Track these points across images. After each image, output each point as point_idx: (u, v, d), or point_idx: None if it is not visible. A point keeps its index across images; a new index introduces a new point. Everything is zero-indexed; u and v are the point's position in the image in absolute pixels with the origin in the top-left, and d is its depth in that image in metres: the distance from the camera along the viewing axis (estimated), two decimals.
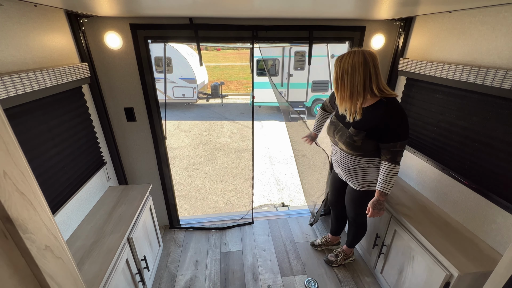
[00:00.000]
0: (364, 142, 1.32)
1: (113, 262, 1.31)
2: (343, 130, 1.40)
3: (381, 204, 1.39)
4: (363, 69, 1.21)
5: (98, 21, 1.64)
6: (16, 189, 0.39)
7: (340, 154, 1.52)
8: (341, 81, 1.27)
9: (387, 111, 1.24)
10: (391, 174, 1.31)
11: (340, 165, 1.54)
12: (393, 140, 1.26)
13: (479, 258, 1.29)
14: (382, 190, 1.35)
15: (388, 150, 1.29)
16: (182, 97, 9.46)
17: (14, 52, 1.15)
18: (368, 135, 1.30)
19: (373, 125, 1.28)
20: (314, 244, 2.22)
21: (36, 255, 0.42)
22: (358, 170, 1.46)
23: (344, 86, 1.27)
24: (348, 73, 1.23)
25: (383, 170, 1.34)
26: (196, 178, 5.04)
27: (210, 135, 7.22)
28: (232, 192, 4.60)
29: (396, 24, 1.88)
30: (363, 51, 1.22)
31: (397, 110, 1.24)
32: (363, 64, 1.20)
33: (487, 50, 1.32)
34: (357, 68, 1.21)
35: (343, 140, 1.40)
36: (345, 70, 1.24)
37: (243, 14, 1.62)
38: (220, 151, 6.21)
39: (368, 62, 1.20)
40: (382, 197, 1.37)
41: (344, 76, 1.25)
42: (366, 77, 1.21)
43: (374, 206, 1.40)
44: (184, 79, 9.21)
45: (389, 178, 1.32)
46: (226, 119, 8.59)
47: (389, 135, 1.26)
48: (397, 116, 1.24)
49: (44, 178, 1.27)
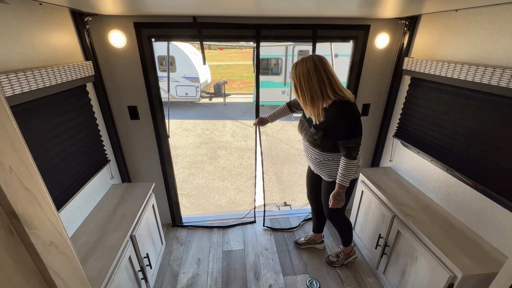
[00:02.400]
0: (323, 140, 1.46)
1: (116, 259, 1.32)
2: (307, 129, 1.54)
3: (340, 196, 1.51)
4: (315, 74, 1.29)
5: (102, 19, 1.65)
6: (22, 185, 0.40)
7: (308, 149, 1.64)
8: (300, 88, 1.35)
9: (338, 112, 1.34)
10: (347, 168, 1.43)
11: (309, 159, 1.67)
12: (346, 138, 1.37)
13: (483, 259, 1.27)
14: (340, 183, 1.48)
15: (343, 147, 1.40)
16: (185, 96, 9.50)
17: (20, 50, 1.16)
18: (325, 134, 1.43)
19: (328, 125, 1.40)
20: (297, 242, 2.22)
21: (41, 250, 0.42)
22: (323, 163, 1.58)
23: (304, 92, 1.34)
24: (304, 79, 1.31)
25: (341, 164, 1.46)
26: (199, 177, 5.05)
27: (213, 134, 7.23)
28: (235, 191, 4.61)
29: (401, 23, 1.87)
30: (312, 57, 1.30)
31: (348, 111, 1.34)
32: (314, 70, 1.28)
33: (494, 49, 1.30)
34: (311, 74, 1.29)
35: (307, 138, 1.56)
36: (301, 77, 1.32)
37: (247, 13, 1.61)
38: (222, 150, 6.23)
39: (318, 67, 1.28)
40: (341, 189, 1.49)
41: (302, 83, 1.33)
42: (320, 81, 1.29)
43: (333, 198, 1.53)
44: (187, 78, 9.24)
45: (346, 172, 1.44)
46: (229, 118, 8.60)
47: (342, 134, 1.38)
48: (348, 117, 1.34)
49: (49, 175, 1.28)
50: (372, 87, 2.11)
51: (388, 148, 2.25)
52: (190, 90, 9.38)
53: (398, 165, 2.11)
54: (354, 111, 1.35)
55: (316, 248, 2.19)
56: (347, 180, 1.47)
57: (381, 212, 1.80)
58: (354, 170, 1.46)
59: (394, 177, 2.03)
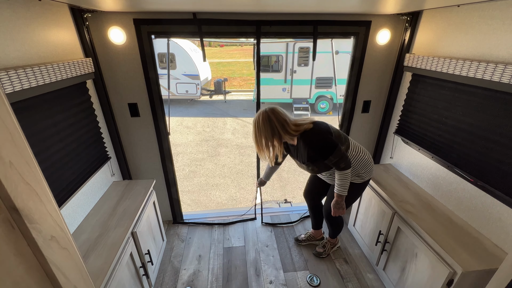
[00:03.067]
0: (317, 166, 1.57)
1: (118, 255, 1.33)
2: (301, 165, 1.67)
3: (339, 204, 1.58)
4: (268, 121, 1.43)
5: (102, 16, 1.64)
6: (22, 179, 0.40)
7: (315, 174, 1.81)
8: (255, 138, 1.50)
9: (304, 143, 1.47)
10: (341, 179, 1.51)
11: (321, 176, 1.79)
12: (325, 158, 1.46)
13: (483, 255, 1.28)
14: (338, 193, 1.55)
15: (330, 163, 1.48)
16: (185, 93, 9.48)
17: (19, 47, 1.15)
18: (313, 163, 1.54)
19: (306, 155, 1.52)
20: (298, 239, 2.25)
21: (42, 245, 0.43)
22: (333, 177, 1.66)
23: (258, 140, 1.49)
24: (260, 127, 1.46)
25: (336, 176, 1.54)
26: (199, 174, 5.06)
27: (213, 132, 7.24)
28: (235, 188, 4.62)
29: (403, 19, 1.85)
30: (266, 110, 1.46)
31: (308, 140, 1.46)
32: (267, 118, 1.43)
33: (496, 45, 1.29)
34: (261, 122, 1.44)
35: (306, 170, 1.69)
36: (256, 127, 1.47)
37: (247, 9, 1.60)
38: (223, 148, 6.23)
39: (271, 117, 1.43)
40: (339, 198, 1.56)
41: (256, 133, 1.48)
42: (273, 129, 1.44)
43: (334, 206, 1.60)
44: (187, 75, 9.22)
45: (341, 182, 1.52)
46: (229, 116, 8.59)
47: (320, 156, 1.47)
48: (312, 144, 1.46)
49: (50, 172, 1.29)
50: (373, 83, 2.10)
51: (388, 145, 2.25)
52: (190, 87, 9.37)
53: (399, 162, 2.11)
54: (314, 137, 1.46)
55: (317, 245, 2.20)
56: (344, 190, 1.53)
57: (382, 209, 1.81)
58: (347, 179, 1.51)
59: (394, 174, 2.03)
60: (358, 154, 1.59)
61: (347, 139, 1.57)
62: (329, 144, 1.44)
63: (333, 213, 1.61)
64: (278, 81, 8.47)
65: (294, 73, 8.28)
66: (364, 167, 1.61)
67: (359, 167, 1.60)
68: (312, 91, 8.45)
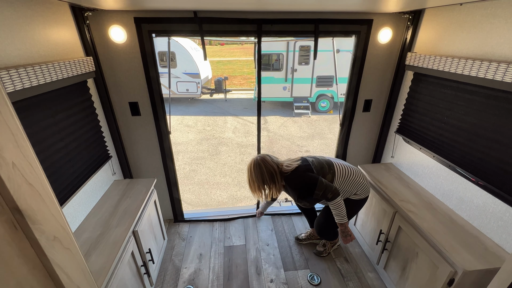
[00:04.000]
0: (309, 201, 1.69)
1: (119, 254, 1.33)
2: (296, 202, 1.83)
3: (344, 232, 1.67)
4: (258, 169, 1.60)
5: (102, 14, 1.63)
6: (25, 180, 0.40)
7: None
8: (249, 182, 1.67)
9: (289, 187, 1.65)
10: (335, 208, 1.60)
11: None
12: (311, 196, 1.58)
13: (484, 255, 1.28)
14: (338, 222, 1.64)
15: (317, 197, 1.59)
16: (186, 92, 9.46)
17: (20, 46, 1.15)
18: (303, 199, 1.67)
19: (295, 196, 1.67)
20: (298, 238, 2.26)
21: (45, 245, 0.43)
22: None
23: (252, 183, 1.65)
24: (252, 174, 1.63)
25: (330, 208, 1.63)
26: (200, 173, 5.07)
27: (214, 130, 7.23)
28: (236, 187, 4.62)
29: (404, 17, 1.84)
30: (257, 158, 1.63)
31: (292, 183, 1.62)
32: (257, 167, 1.61)
33: (499, 44, 1.28)
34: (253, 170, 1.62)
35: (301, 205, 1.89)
36: (249, 173, 1.65)
37: (248, 8, 1.60)
38: (223, 146, 6.23)
39: (260, 164, 1.60)
40: (342, 226, 1.64)
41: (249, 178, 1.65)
42: (264, 177, 1.60)
43: (341, 235, 1.69)
44: (188, 74, 9.20)
45: (336, 211, 1.61)
46: (230, 114, 8.58)
47: (305, 194, 1.61)
48: (296, 185, 1.61)
49: (51, 172, 1.29)
50: (374, 82, 2.09)
51: (389, 144, 2.24)
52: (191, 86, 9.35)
53: (400, 161, 2.11)
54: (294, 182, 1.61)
55: (317, 244, 2.20)
56: (343, 217, 1.61)
57: (383, 208, 1.81)
58: (341, 207, 1.59)
59: (395, 173, 2.03)
60: (348, 177, 1.66)
61: (332, 167, 1.66)
62: (309, 182, 1.56)
63: (344, 242, 1.69)
64: (278, 80, 8.45)
65: (295, 71, 8.26)
66: (357, 187, 1.68)
67: (353, 188, 1.67)
68: (312, 89, 8.43)
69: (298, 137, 6.77)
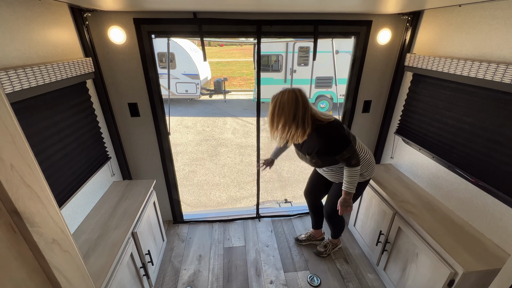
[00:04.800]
0: (322, 160, 1.55)
1: (118, 256, 1.33)
2: (303, 157, 1.64)
3: (347, 202, 1.57)
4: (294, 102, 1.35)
5: (101, 15, 1.63)
6: (23, 182, 0.39)
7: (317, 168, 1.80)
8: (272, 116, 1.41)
9: (318, 137, 1.44)
10: (351, 176, 1.50)
11: (322, 173, 1.78)
12: (337, 153, 1.45)
13: (484, 256, 1.28)
14: (346, 190, 1.53)
15: (340, 159, 1.48)
16: (185, 93, 9.46)
17: (19, 47, 1.15)
18: (319, 156, 1.52)
19: (316, 148, 1.49)
20: (298, 239, 2.25)
21: (43, 248, 0.42)
22: (336, 172, 1.66)
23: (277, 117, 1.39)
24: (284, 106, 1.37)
25: (345, 173, 1.52)
26: (199, 174, 5.06)
27: (213, 131, 7.22)
28: (235, 188, 4.61)
29: (404, 19, 1.85)
30: (294, 89, 1.39)
31: (324, 134, 1.43)
32: (294, 99, 1.36)
33: (497, 45, 1.29)
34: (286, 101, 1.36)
35: (308, 162, 1.66)
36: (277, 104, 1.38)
37: (248, 9, 1.60)
38: (223, 147, 6.22)
39: (297, 96, 1.36)
40: (348, 196, 1.54)
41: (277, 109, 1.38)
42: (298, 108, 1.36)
43: (341, 204, 1.58)
44: (187, 75, 9.20)
45: (350, 179, 1.50)
46: (229, 115, 8.58)
47: (332, 150, 1.46)
48: (327, 138, 1.44)
49: (49, 173, 1.28)
50: (373, 83, 2.10)
51: (389, 145, 2.24)
52: (190, 87, 9.35)
53: (399, 162, 2.11)
54: (330, 131, 1.43)
55: (317, 245, 2.20)
56: (353, 187, 1.51)
57: (382, 209, 1.80)
58: (357, 176, 1.50)
59: (395, 174, 2.03)
60: (364, 155, 1.60)
61: (355, 138, 1.59)
62: (342, 140, 1.43)
63: (340, 211, 1.60)
64: (278, 81, 8.46)
65: (294, 72, 8.27)
66: (366, 167, 1.62)
67: (363, 167, 1.60)
68: (312, 90, 8.44)
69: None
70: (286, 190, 4.54)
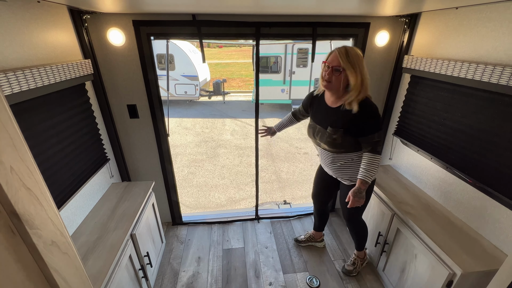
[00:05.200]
0: (344, 139, 1.41)
1: (117, 258, 1.32)
2: (322, 131, 1.48)
3: (361, 193, 1.42)
4: (363, 62, 1.31)
5: (101, 17, 1.63)
6: (23, 184, 0.39)
7: (325, 154, 1.58)
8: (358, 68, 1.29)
9: (364, 110, 1.33)
10: (372, 163, 1.38)
11: (327, 164, 1.61)
12: (370, 133, 1.35)
13: (482, 256, 1.28)
14: (363, 179, 1.39)
15: (368, 142, 1.37)
16: (184, 94, 9.48)
17: (18, 49, 1.15)
18: (346, 132, 1.39)
19: (347, 121, 1.37)
20: (298, 240, 2.22)
21: (42, 250, 0.42)
22: (344, 166, 1.53)
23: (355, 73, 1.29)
24: (359, 61, 1.29)
25: (365, 160, 1.40)
26: (198, 175, 5.05)
27: (212, 133, 7.23)
28: (234, 190, 4.61)
29: (401, 21, 1.86)
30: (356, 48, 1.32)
31: (368, 106, 1.34)
32: (359, 55, 1.30)
33: (494, 47, 1.30)
34: (363, 61, 1.30)
35: (324, 140, 1.48)
36: (358, 58, 1.29)
37: (247, 11, 1.61)
38: (222, 148, 6.22)
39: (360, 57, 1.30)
40: (363, 185, 1.40)
41: (359, 64, 1.29)
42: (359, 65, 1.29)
43: (354, 195, 1.42)
44: (186, 77, 9.22)
45: (371, 167, 1.38)
46: (228, 117, 8.58)
47: (365, 129, 1.35)
48: (369, 113, 1.34)
49: (48, 174, 1.28)
50: (371, 85, 2.09)
51: (387, 146, 2.25)
52: (189, 88, 9.36)
53: (398, 163, 2.12)
54: (374, 106, 1.36)
55: (316, 246, 2.20)
56: (371, 177, 1.39)
57: (381, 210, 1.81)
58: (378, 166, 1.40)
59: (393, 175, 2.04)
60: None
61: None
62: (380, 121, 1.38)
63: (351, 203, 1.43)
64: (277, 82, 8.49)
65: (293, 74, 8.30)
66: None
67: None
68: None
69: (297, 139, 6.79)
70: (285, 191, 4.54)
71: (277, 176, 4.99)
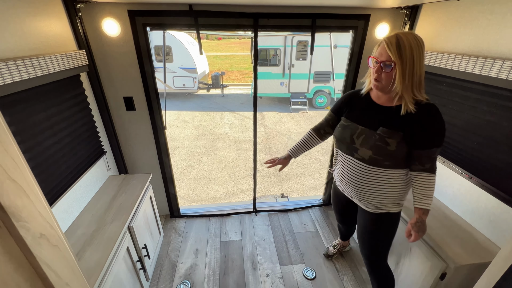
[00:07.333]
0: (398, 146, 1.07)
1: (114, 250, 1.33)
2: (368, 133, 1.13)
3: (424, 225, 1.11)
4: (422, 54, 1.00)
5: (95, 6, 1.59)
6: (8, 176, 0.39)
7: (355, 167, 1.19)
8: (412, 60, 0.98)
9: (429, 112, 1.04)
10: (430, 185, 1.07)
11: (352, 180, 1.22)
12: (434, 146, 1.05)
13: (476, 249, 1.30)
14: (425, 208, 1.08)
15: (428, 157, 1.06)
16: (182, 87, 9.38)
17: (9, 38, 1.12)
18: (402, 140, 1.06)
19: (411, 126, 1.05)
20: (328, 254, 2.04)
21: (31, 243, 0.42)
22: (376, 186, 1.17)
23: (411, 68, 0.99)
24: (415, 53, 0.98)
25: (423, 182, 1.08)
26: (197, 169, 5.06)
27: (211, 126, 7.20)
28: (233, 183, 4.63)
29: (402, 13, 1.83)
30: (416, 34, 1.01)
31: (436, 115, 1.04)
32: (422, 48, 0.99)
33: (495, 40, 1.28)
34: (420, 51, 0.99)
35: (369, 145, 1.11)
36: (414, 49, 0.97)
37: (245, 1, 1.57)
38: (220, 142, 6.21)
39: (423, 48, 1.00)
40: (425, 216, 1.10)
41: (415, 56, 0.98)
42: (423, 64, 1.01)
43: (418, 229, 1.10)
44: (184, 69, 9.11)
45: (429, 192, 1.08)
46: (227, 110, 8.54)
47: (430, 139, 1.05)
48: (438, 121, 1.04)
49: (43, 167, 1.27)
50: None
51: None
52: (187, 81, 9.26)
53: None
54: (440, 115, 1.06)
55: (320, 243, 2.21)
56: (431, 201, 1.09)
57: None
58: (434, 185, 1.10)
59: None
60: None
61: None
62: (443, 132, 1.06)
63: (413, 238, 1.12)
64: (276, 75, 8.41)
65: (292, 67, 8.22)
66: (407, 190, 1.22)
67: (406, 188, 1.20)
68: (310, 85, 8.41)
69: (295, 133, 6.78)
70: (283, 184, 4.56)
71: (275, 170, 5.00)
